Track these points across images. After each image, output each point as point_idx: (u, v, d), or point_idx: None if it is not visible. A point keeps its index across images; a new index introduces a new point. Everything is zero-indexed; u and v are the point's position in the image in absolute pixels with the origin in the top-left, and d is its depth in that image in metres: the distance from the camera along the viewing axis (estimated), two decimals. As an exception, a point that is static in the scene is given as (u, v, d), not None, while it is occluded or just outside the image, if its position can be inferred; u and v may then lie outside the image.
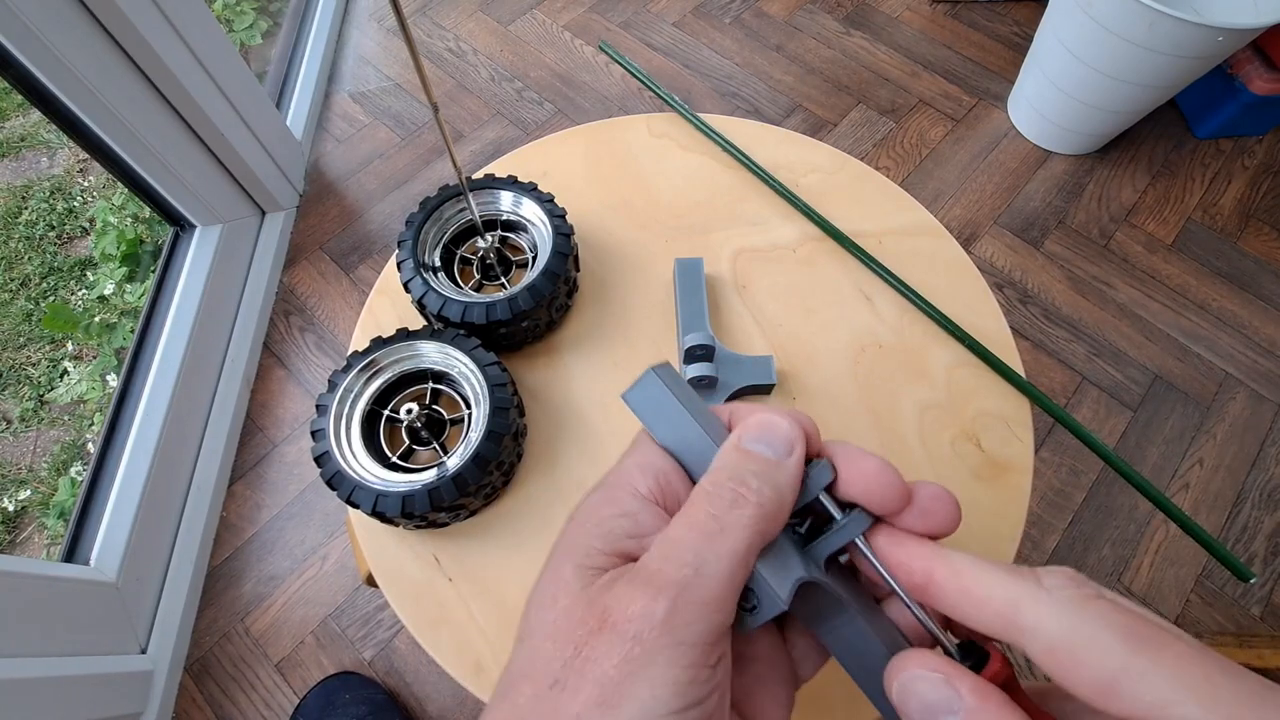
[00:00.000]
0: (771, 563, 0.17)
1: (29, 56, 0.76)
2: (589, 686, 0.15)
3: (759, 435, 0.19)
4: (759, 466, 0.18)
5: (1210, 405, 1.06)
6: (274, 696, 0.87)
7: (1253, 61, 1.19)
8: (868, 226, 0.54)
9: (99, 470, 0.88)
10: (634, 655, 0.15)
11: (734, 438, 0.19)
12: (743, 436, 0.19)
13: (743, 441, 0.19)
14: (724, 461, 0.18)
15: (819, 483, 0.19)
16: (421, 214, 0.47)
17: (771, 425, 0.19)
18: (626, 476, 0.19)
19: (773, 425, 0.19)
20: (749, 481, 0.17)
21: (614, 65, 1.41)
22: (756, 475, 0.18)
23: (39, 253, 1.27)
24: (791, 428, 0.19)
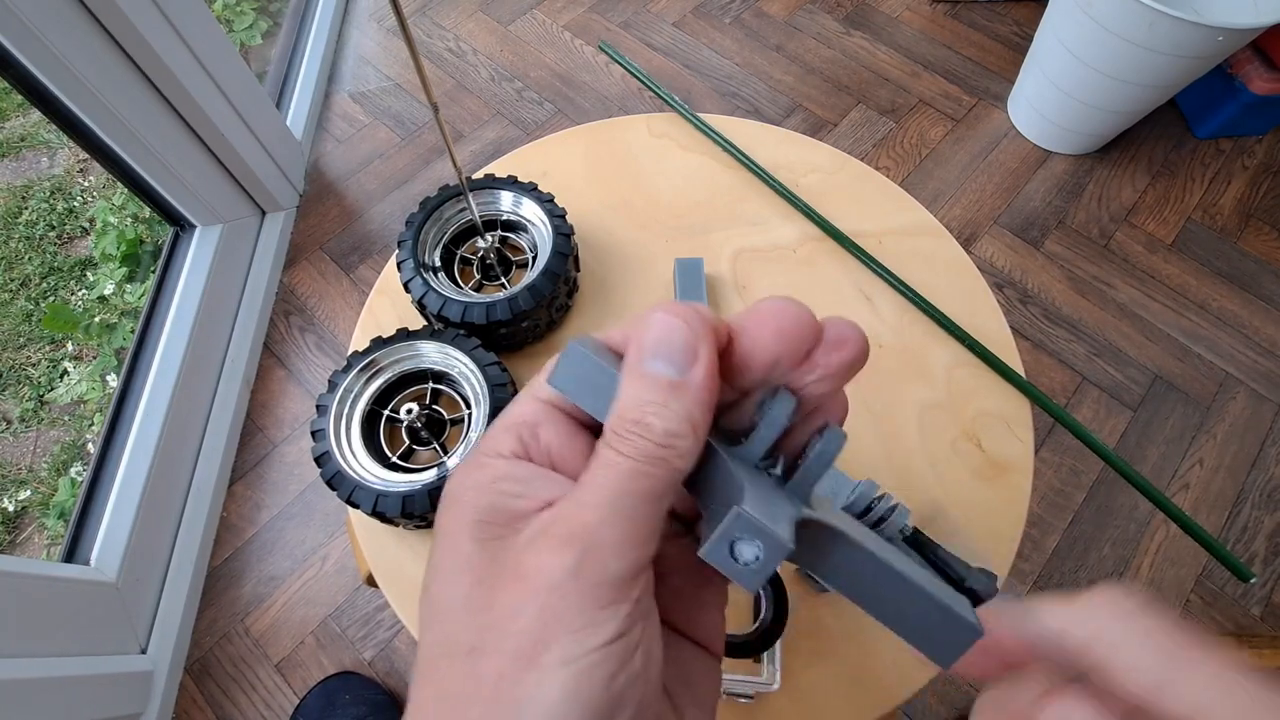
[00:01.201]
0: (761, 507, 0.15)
1: (29, 56, 0.76)
2: (508, 642, 0.15)
3: (655, 350, 0.16)
4: (659, 393, 0.16)
5: (1210, 405, 1.06)
6: (274, 697, 0.87)
7: (1253, 61, 1.19)
8: (868, 226, 0.54)
9: (99, 470, 0.88)
10: (549, 605, 0.15)
11: (631, 358, 0.17)
12: (639, 358, 0.17)
13: (641, 363, 0.17)
14: (624, 393, 0.17)
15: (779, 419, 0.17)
16: (421, 214, 0.47)
17: (666, 335, 0.16)
18: (489, 443, 0.18)
19: (668, 335, 0.16)
20: (651, 414, 0.16)
21: (614, 65, 1.41)
22: (659, 404, 0.16)
23: (39, 253, 1.27)
24: (690, 332, 0.16)
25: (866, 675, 0.39)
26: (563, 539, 0.15)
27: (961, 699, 0.87)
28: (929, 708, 0.87)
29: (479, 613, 0.15)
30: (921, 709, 0.87)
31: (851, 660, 0.39)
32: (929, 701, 0.87)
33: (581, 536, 0.15)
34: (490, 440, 0.18)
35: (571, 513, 0.16)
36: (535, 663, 0.14)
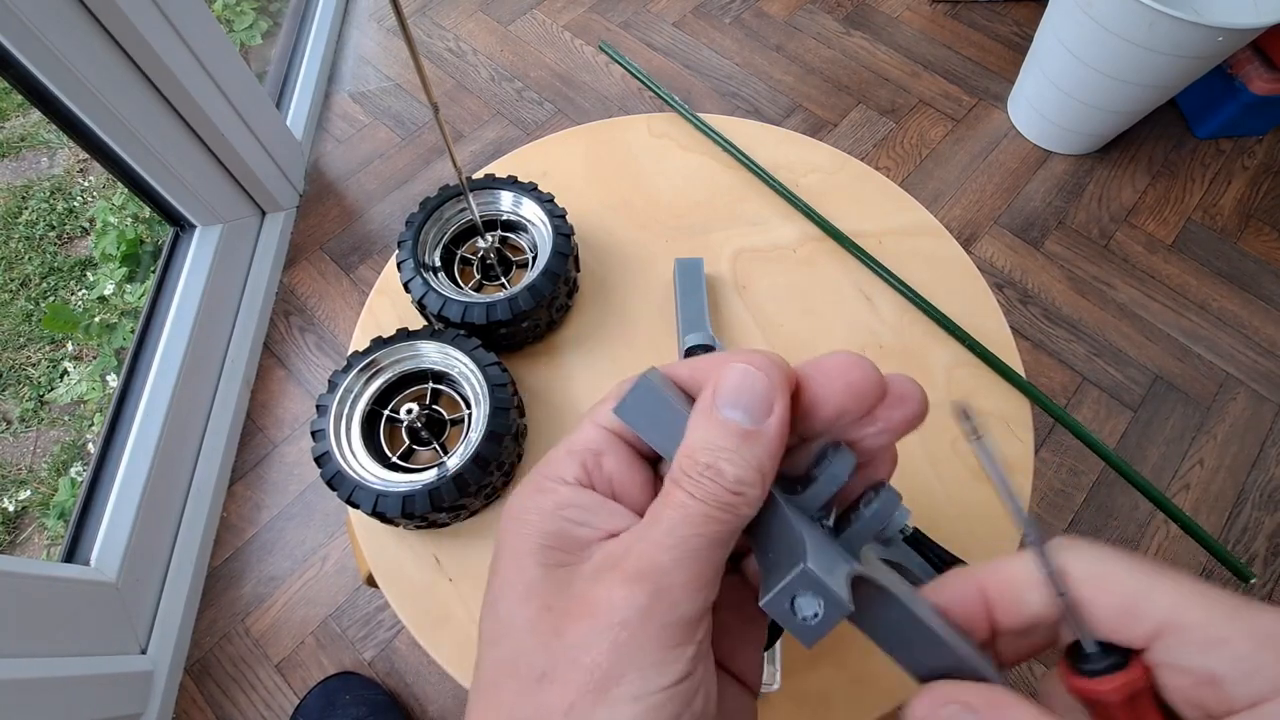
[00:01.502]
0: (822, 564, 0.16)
1: (29, 56, 0.76)
2: (579, 675, 0.15)
3: (733, 398, 0.17)
4: (734, 441, 0.16)
5: (1210, 405, 1.06)
6: (274, 697, 0.87)
7: (1253, 61, 1.19)
8: (868, 226, 0.54)
9: (99, 470, 0.88)
10: (621, 641, 0.15)
11: (705, 401, 0.17)
12: (715, 401, 0.17)
13: (715, 408, 0.17)
14: (696, 436, 0.17)
15: (839, 475, 0.17)
16: (421, 214, 0.47)
17: (746, 383, 0.17)
18: (553, 468, 0.19)
19: (748, 383, 0.17)
20: (724, 460, 0.16)
21: (614, 65, 1.41)
22: (732, 451, 0.16)
23: (39, 253, 1.27)
24: (769, 384, 0.17)
25: (866, 675, 0.39)
26: (634, 576, 0.16)
27: None
28: (929, 708, 0.87)
29: (548, 639, 0.16)
30: (921, 709, 0.87)
31: (851, 660, 0.39)
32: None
33: (652, 576, 0.15)
34: (554, 465, 0.19)
35: (642, 550, 0.16)
36: (605, 697, 0.15)
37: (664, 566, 0.15)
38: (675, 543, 0.16)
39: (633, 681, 0.15)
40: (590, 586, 0.16)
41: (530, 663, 0.15)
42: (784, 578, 0.15)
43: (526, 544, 0.17)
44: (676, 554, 0.16)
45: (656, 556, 0.16)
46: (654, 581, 0.15)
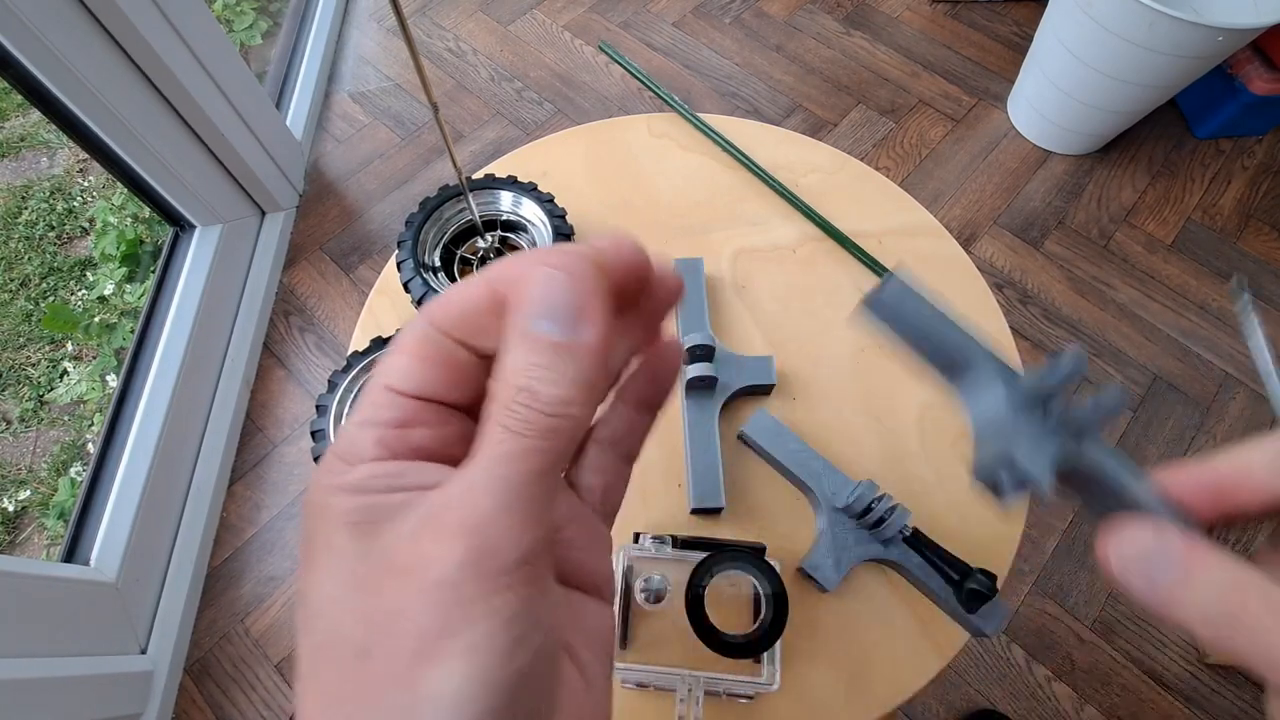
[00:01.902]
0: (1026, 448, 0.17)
1: (29, 56, 0.76)
2: (402, 643, 0.14)
3: (540, 309, 0.15)
4: (546, 357, 0.15)
5: (1210, 405, 1.06)
6: (274, 697, 0.87)
7: (1253, 61, 1.19)
8: (868, 226, 0.54)
9: (99, 470, 0.88)
10: (441, 600, 0.14)
11: (511, 319, 0.15)
12: (523, 317, 0.15)
13: (525, 324, 0.15)
14: (507, 358, 0.15)
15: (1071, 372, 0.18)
16: (421, 214, 0.47)
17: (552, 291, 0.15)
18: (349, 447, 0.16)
19: (554, 291, 0.15)
20: (538, 380, 0.15)
21: (614, 65, 1.41)
22: (545, 368, 0.15)
23: (39, 253, 1.27)
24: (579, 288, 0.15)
25: (866, 675, 0.39)
26: (452, 530, 0.14)
27: (961, 699, 0.87)
28: (929, 708, 0.87)
29: (364, 613, 0.14)
30: (921, 709, 0.87)
31: (851, 660, 0.39)
32: (929, 701, 0.87)
33: (473, 527, 0.14)
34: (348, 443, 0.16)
35: (459, 498, 0.14)
36: (431, 658, 0.13)
37: (486, 512, 0.14)
38: (495, 483, 0.14)
39: (462, 636, 0.14)
40: (405, 545, 0.14)
41: (346, 640, 0.14)
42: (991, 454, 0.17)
43: (332, 523, 0.15)
44: (498, 497, 0.14)
45: (477, 502, 0.14)
46: (474, 533, 0.14)
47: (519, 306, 0.15)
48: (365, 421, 0.16)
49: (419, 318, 0.17)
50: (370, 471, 0.16)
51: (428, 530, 0.14)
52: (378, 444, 0.16)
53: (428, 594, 0.14)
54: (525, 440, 0.14)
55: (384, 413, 0.16)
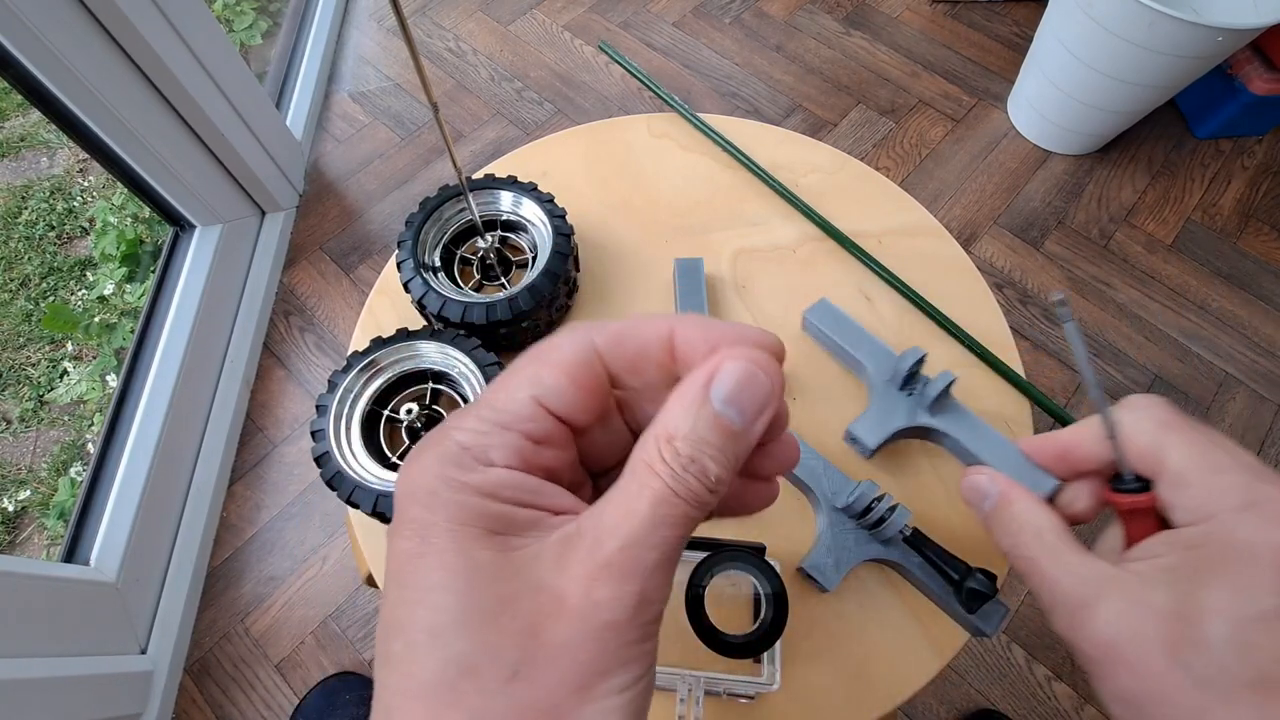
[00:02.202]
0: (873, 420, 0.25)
1: (29, 56, 0.76)
2: (560, 674, 0.14)
3: (733, 395, 0.16)
4: (722, 439, 0.16)
5: (1210, 405, 1.06)
6: (274, 697, 0.87)
7: (1252, 61, 1.19)
8: (868, 226, 0.54)
9: (99, 470, 0.88)
10: (605, 640, 0.15)
11: (697, 386, 0.16)
12: (711, 392, 0.16)
13: (710, 399, 0.16)
14: (683, 422, 0.16)
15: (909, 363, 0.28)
16: (421, 214, 0.47)
17: (750, 385, 0.16)
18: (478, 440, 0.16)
19: (752, 385, 0.16)
20: (709, 457, 0.16)
21: (614, 65, 1.41)
22: (718, 450, 0.16)
23: (39, 253, 1.27)
24: (770, 390, 0.16)
25: (866, 675, 0.39)
26: (620, 575, 0.15)
27: (961, 699, 0.87)
28: (929, 708, 0.87)
29: (518, 636, 0.14)
30: (921, 709, 0.87)
31: (851, 660, 0.39)
32: (929, 701, 0.87)
33: (639, 577, 0.15)
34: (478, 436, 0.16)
35: (625, 549, 0.15)
36: (590, 694, 0.14)
37: (649, 567, 0.15)
38: (659, 541, 0.15)
39: (617, 677, 0.15)
40: (559, 579, 0.15)
41: (498, 659, 0.14)
42: None
43: (460, 522, 0.15)
44: (661, 553, 0.15)
45: (643, 556, 0.15)
46: (640, 582, 0.15)
47: (709, 381, 0.16)
48: (503, 425, 0.16)
49: (584, 337, 0.17)
50: (505, 479, 0.16)
51: (591, 568, 0.15)
52: (515, 453, 0.16)
53: (596, 636, 0.15)
54: (686, 507, 0.15)
55: (527, 424, 0.17)
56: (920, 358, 0.41)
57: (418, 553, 0.15)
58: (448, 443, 0.16)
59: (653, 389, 0.18)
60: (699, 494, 0.16)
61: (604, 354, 0.17)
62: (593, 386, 0.17)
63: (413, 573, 0.15)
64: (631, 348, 0.17)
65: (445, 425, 0.17)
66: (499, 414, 0.17)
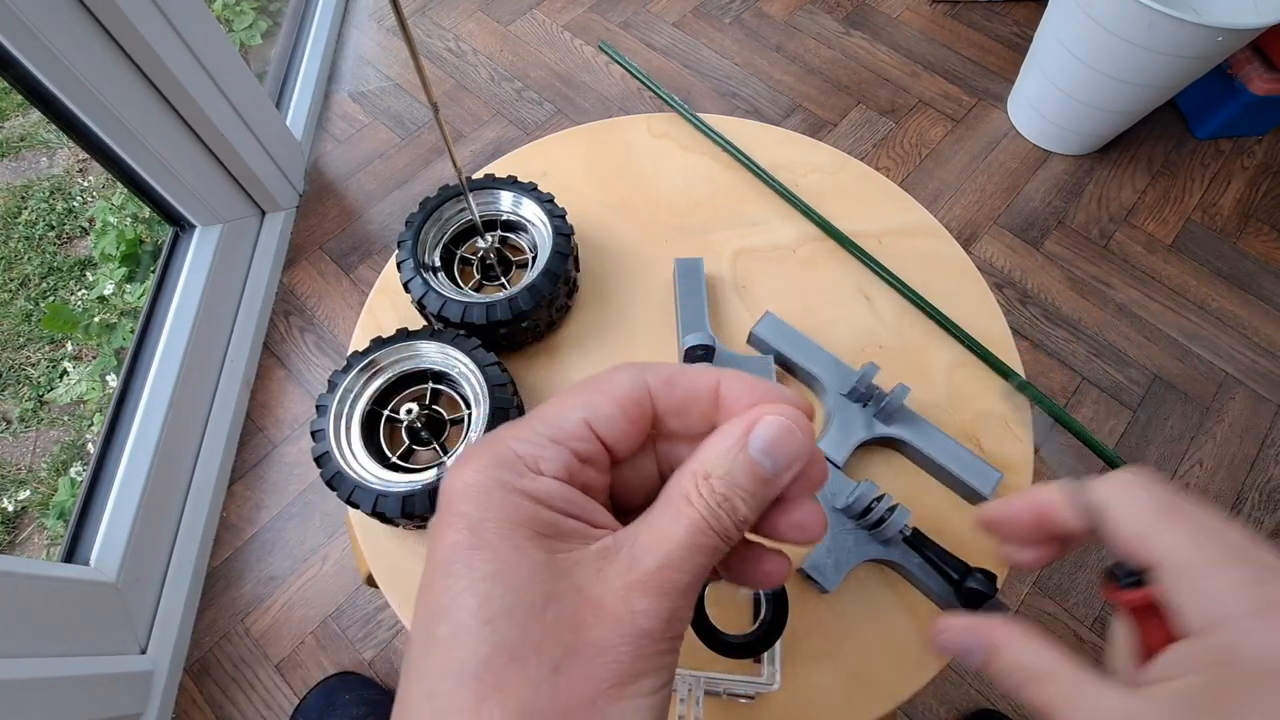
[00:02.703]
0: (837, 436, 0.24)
1: (29, 56, 0.76)
2: (599, 672, 0.16)
3: (769, 447, 0.18)
4: (755, 485, 0.18)
5: (1210, 405, 1.06)
6: (274, 697, 0.87)
7: (1252, 61, 1.19)
8: (868, 226, 0.54)
9: (99, 470, 0.88)
10: (641, 648, 0.16)
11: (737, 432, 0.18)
12: (750, 440, 0.18)
13: (749, 447, 0.18)
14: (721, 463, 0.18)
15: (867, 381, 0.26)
16: (421, 214, 0.47)
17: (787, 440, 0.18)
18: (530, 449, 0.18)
19: (788, 440, 0.18)
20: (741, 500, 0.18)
21: (614, 65, 1.41)
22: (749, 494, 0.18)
23: (39, 253, 1.27)
24: (804, 447, 0.18)
25: (866, 675, 0.39)
26: (658, 590, 0.16)
27: (961, 699, 0.87)
28: (929, 708, 0.87)
29: (563, 632, 0.16)
30: (921, 709, 0.87)
31: (851, 660, 0.39)
32: (929, 701, 0.87)
33: (673, 595, 0.17)
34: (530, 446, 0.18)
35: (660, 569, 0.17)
36: (624, 690, 0.16)
37: (680, 588, 0.17)
38: (691, 566, 0.17)
39: (648, 680, 0.16)
40: (599, 587, 0.16)
41: (541, 651, 0.15)
42: None
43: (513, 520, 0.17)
44: (691, 577, 0.17)
45: (675, 577, 0.17)
46: (672, 600, 0.16)
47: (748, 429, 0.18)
48: (555, 439, 0.18)
49: (638, 375, 0.19)
50: (556, 489, 0.17)
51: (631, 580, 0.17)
52: (564, 467, 0.18)
53: (633, 641, 0.16)
54: (716, 540, 0.17)
55: (579, 444, 0.18)
56: (876, 372, 0.43)
57: (470, 544, 0.16)
58: (502, 449, 0.18)
59: (690, 434, 0.20)
60: (728, 530, 0.17)
61: (655, 393, 0.19)
62: (639, 421, 0.19)
63: (464, 562, 0.16)
64: (681, 393, 0.19)
65: (499, 433, 0.18)
66: (552, 429, 0.18)
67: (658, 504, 0.18)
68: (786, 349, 0.46)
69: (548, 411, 0.19)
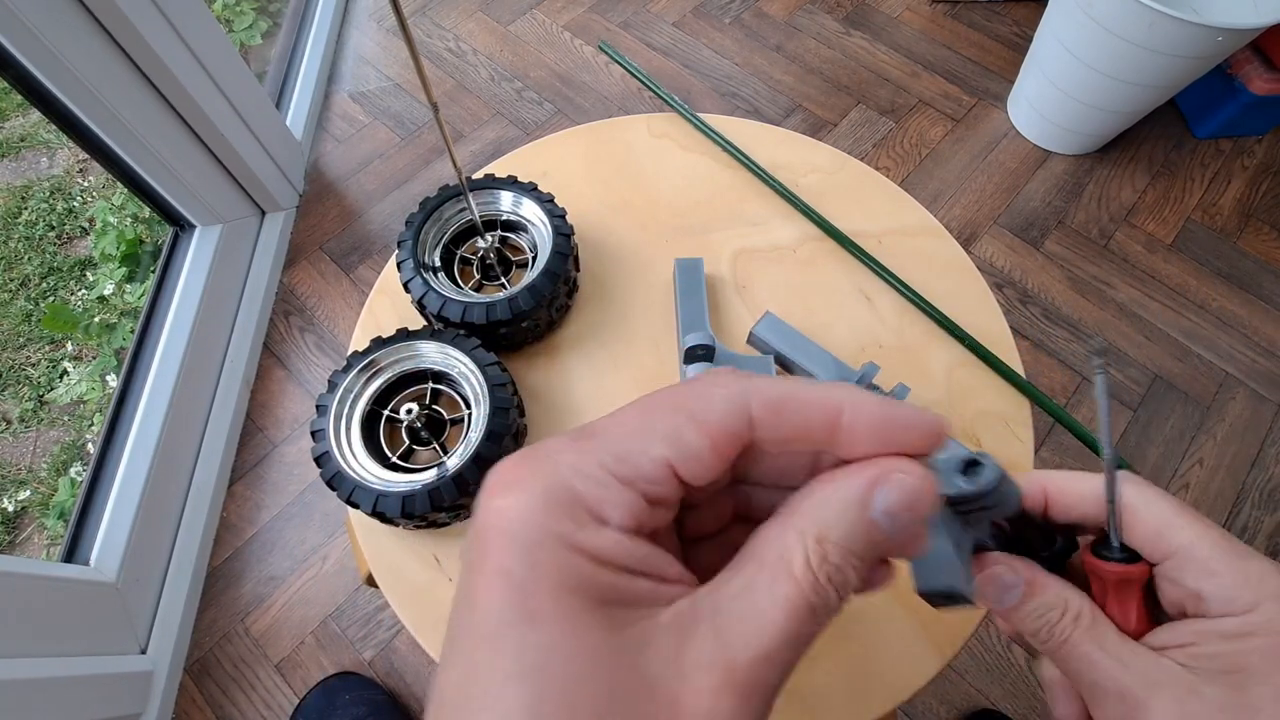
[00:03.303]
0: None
1: (29, 56, 0.76)
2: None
3: (896, 508, 0.15)
4: (868, 549, 0.15)
5: (1210, 405, 1.06)
6: (274, 697, 0.87)
7: (1252, 61, 1.19)
8: (868, 226, 0.54)
9: (99, 470, 0.88)
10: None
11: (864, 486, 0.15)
12: (877, 498, 0.15)
13: (873, 506, 0.15)
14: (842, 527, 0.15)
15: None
16: (421, 214, 0.47)
17: (917, 504, 0.15)
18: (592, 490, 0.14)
19: (918, 505, 0.15)
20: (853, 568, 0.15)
21: (614, 65, 1.41)
22: (861, 560, 0.15)
23: (39, 253, 1.27)
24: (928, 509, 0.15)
25: (866, 675, 0.39)
26: (747, 693, 0.13)
27: (961, 699, 0.87)
28: (929, 708, 0.87)
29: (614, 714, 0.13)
30: (921, 709, 0.87)
31: (851, 660, 0.39)
32: (929, 701, 0.87)
33: (764, 695, 0.14)
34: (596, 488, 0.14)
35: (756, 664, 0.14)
36: None
37: (773, 685, 0.14)
38: (786, 661, 0.14)
39: None
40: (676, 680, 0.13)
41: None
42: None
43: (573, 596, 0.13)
44: (785, 672, 0.14)
45: (769, 675, 0.14)
46: (763, 701, 0.14)
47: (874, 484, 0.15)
48: (626, 480, 0.15)
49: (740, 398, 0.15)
50: (620, 545, 0.14)
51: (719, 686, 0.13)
52: (633, 516, 0.15)
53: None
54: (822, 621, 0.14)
55: (653, 488, 0.15)
56: (876, 372, 0.42)
57: (519, 616, 0.13)
58: (558, 482, 0.14)
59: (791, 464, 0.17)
60: (834, 609, 0.14)
61: (758, 422, 0.15)
62: (733, 452, 0.16)
63: (511, 639, 0.13)
64: (792, 424, 0.16)
65: (553, 452, 0.15)
66: (623, 466, 0.15)
67: (747, 560, 0.15)
68: (786, 349, 0.46)
69: (620, 435, 0.15)
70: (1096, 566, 0.23)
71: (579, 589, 0.13)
